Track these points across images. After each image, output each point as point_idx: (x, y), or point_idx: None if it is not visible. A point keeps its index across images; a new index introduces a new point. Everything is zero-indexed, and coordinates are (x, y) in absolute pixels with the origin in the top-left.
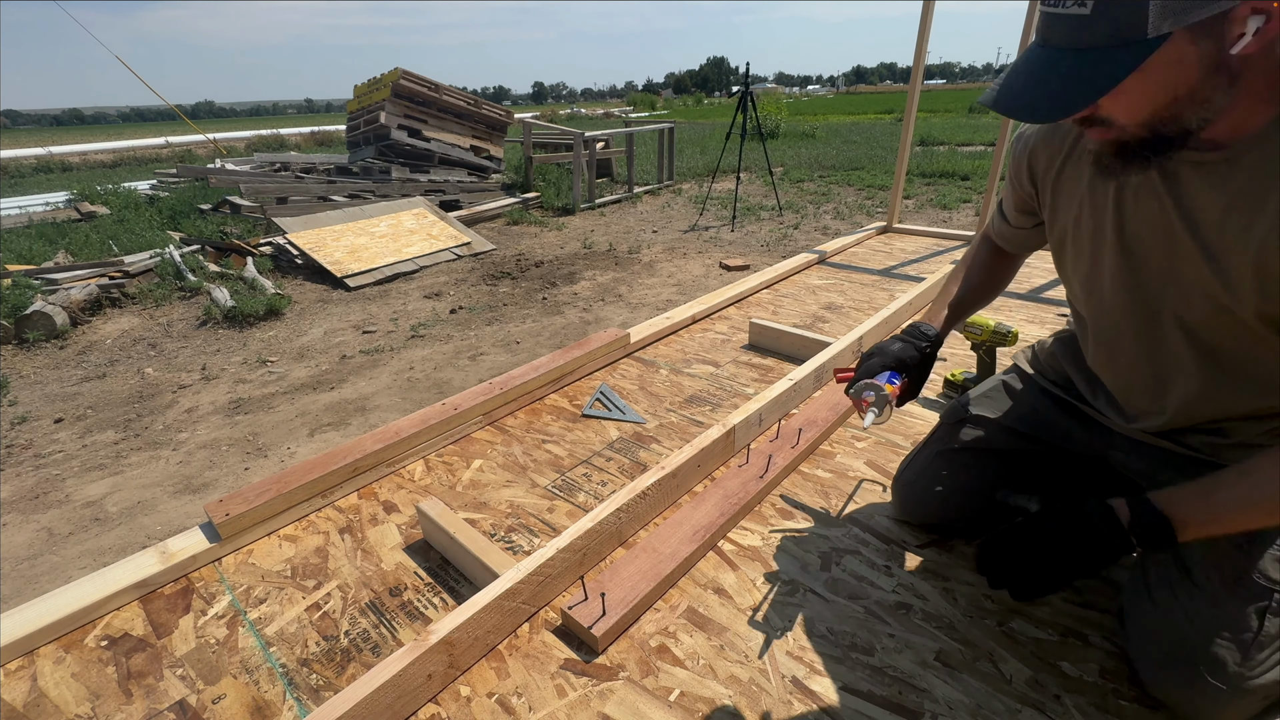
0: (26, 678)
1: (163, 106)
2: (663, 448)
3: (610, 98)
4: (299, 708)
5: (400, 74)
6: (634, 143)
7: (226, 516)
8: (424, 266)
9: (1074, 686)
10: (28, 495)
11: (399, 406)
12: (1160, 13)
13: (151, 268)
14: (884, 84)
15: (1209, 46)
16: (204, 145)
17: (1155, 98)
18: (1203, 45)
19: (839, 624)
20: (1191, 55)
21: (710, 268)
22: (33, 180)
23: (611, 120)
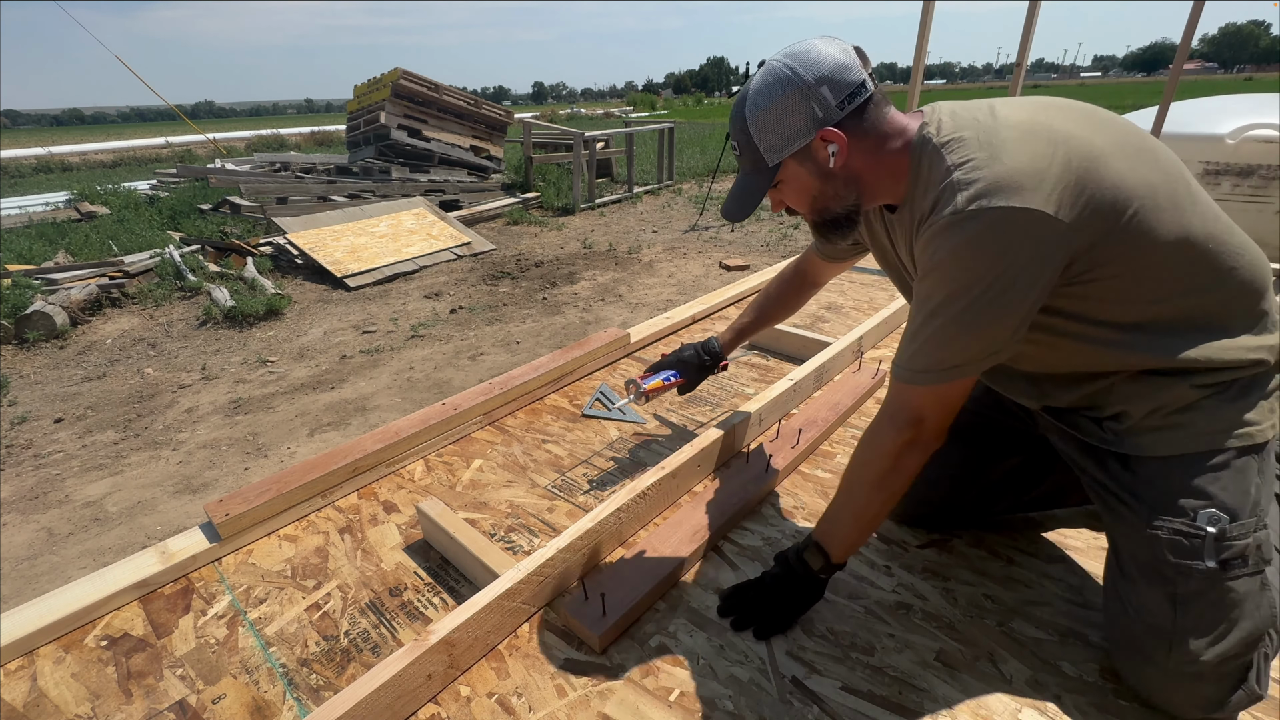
0: (26, 678)
1: (163, 106)
2: (663, 448)
3: (610, 98)
4: (299, 708)
5: (400, 74)
6: (634, 143)
7: (226, 516)
8: (424, 266)
9: (1074, 686)
10: (28, 495)
11: (399, 406)
12: (768, 152)
13: (151, 268)
14: (884, 84)
15: (811, 165)
16: (204, 145)
17: (801, 198)
18: (807, 165)
19: (839, 624)
20: (803, 172)
21: (710, 268)
22: (33, 180)
23: (611, 120)
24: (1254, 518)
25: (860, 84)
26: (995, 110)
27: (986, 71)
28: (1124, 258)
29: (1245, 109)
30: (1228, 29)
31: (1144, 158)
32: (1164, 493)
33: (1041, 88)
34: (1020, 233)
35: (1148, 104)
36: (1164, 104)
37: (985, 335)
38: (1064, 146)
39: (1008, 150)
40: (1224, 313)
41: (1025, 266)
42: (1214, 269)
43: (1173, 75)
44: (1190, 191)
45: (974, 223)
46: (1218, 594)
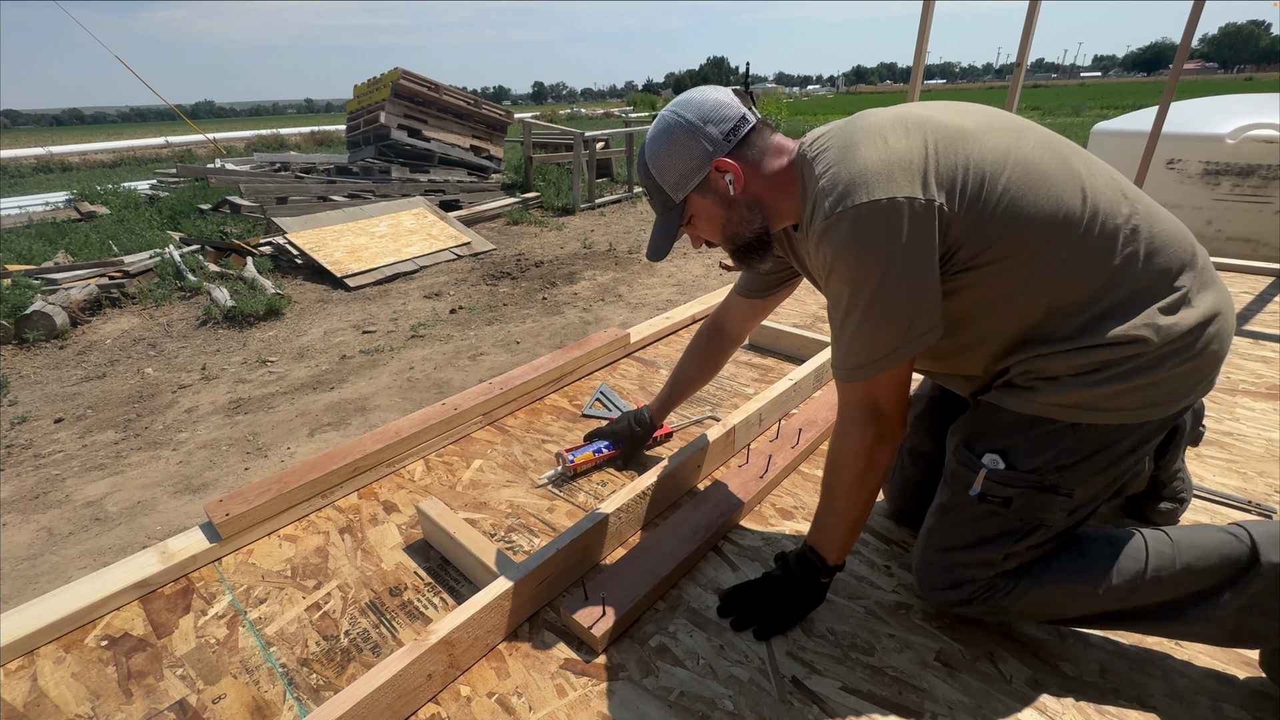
0: (26, 678)
1: (163, 106)
2: (663, 448)
3: (610, 98)
4: (299, 708)
5: (400, 74)
6: (634, 143)
7: (226, 516)
8: (424, 266)
9: (1074, 686)
10: (28, 495)
11: (399, 406)
12: (673, 190)
13: (151, 268)
14: (884, 84)
15: (714, 196)
16: (204, 145)
17: (712, 228)
18: (710, 196)
19: (839, 624)
20: (708, 204)
21: (710, 267)
22: (33, 180)
23: (611, 120)
24: (1035, 476)
25: (740, 117)
26: (855, 117)
27: (986, 71)
28: (1007, 237)
29: (1245, 109)
30: (1228, 29)
31: (1011, 135)
32: (977, 429)
33: (1041, 88)
34: (885, 221)
35: (1148, 104)
36: (1164, 104)
37: (900, 321)
38: (921, 130)
39: (860, 148)
40: (1123, 292)
41: (907, 248)
42: (1107, 247)
43: (1173, 75)
44: (1072, 169)
45: (844, 223)
46: (967, 514)
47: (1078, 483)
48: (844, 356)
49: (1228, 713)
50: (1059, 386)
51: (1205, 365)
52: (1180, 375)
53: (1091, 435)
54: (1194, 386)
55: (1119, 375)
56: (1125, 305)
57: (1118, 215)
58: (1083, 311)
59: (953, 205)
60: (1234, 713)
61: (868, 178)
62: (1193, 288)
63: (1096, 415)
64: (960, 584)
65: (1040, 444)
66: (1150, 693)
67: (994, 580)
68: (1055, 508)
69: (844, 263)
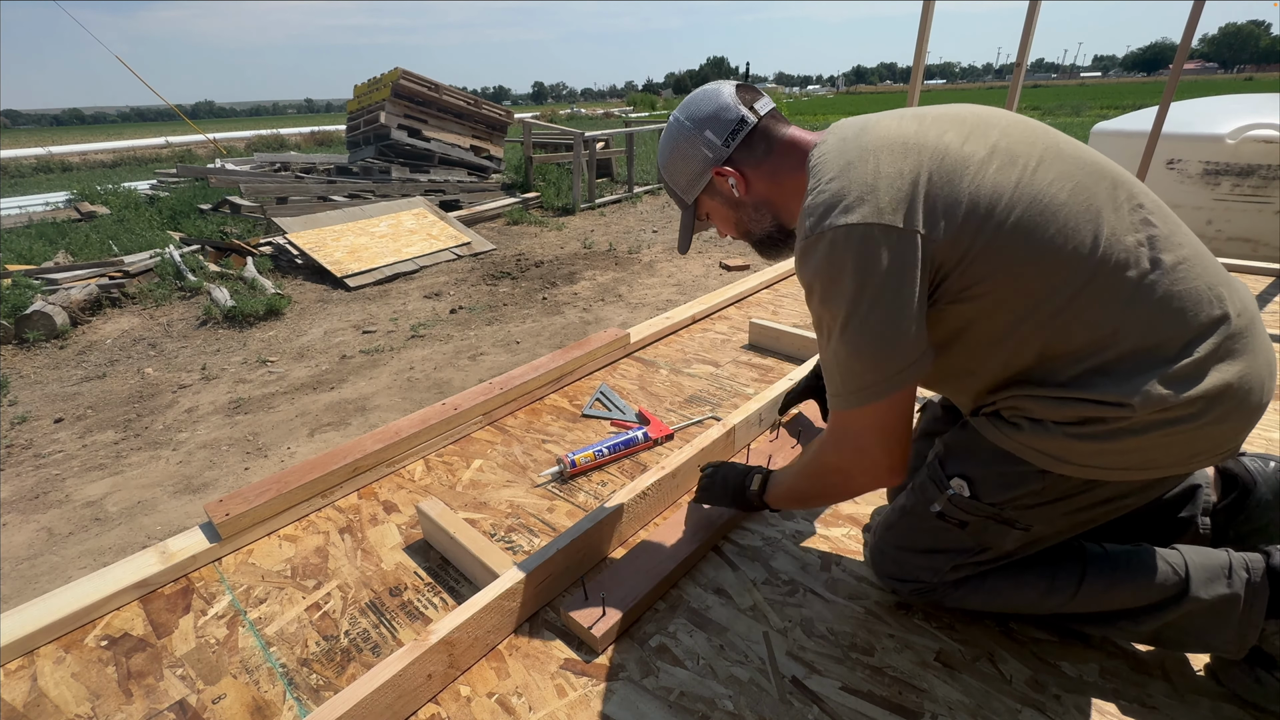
0: (26, 678)
1: (163, 106)
2: (663, 448)
3: (610, 98)
4: (299, 708)
5: (400, 74)
6: (634, 143)
7: (226, 516)
8: (424, 266)
9: (1074, 686)
10: (28, 495)
11: (399, 406)
12: (684, 191)
13: (151, 268)
14: (884, 84)
15: (721, 198)
16: (204, 145)
17: (726, 225)
18: (717, 199)
19: (839, 624)
20: (717, 204)
21: (710, 268)
22: (33, 180)
23: (611, 120)
24: (995, 509)
25: (739, 120)
26: (867, 126)
27: (986, 71)
28: (1001, 275)
29: (1245, 109)
30: (1228, 29)
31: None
32: (954, 448)
33: (1041, 88)
34: (860, 246)
35: (1148, 104)
36: (1164, 104)
37: (877, 351)
38: (919, 155)
39: (853, 167)
40: (1125, 348)
41: (883, 277)
42: (1112, 299)
43: (1173, 75)
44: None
45: (821, 244)
46: (924, 525)
47: (1038, 520)
48: (829, 382)
49: (1227, 713)
50: (1041, 430)
51: (1203, 439)
52: (1169, 445)
53: (1062, 484)
54: (1188, 458)
55: (1101, 434)
56: (1125, 361)
57: (1133, 265)
58: (1078, 361)
59: (936, 235)
60: (1234, 713)
61: (849, 201)
62: (1211, 355)
63: (1069, 468)
64: (907, 579)
65: (1009, 481)
66: (1150, 693)
67: (936, 585)
68: (1009, 538)
69: (820, 285)
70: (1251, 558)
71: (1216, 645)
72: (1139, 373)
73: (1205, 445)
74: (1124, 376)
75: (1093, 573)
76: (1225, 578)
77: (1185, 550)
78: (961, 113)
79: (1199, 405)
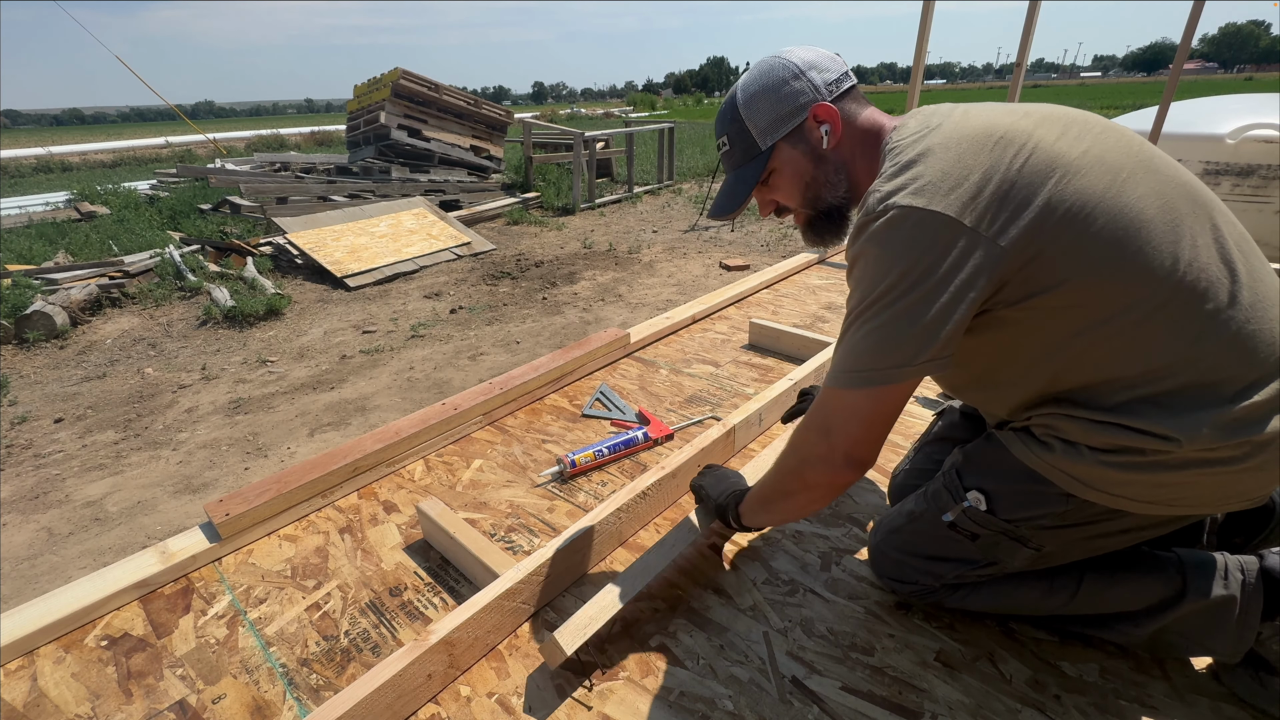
0: (26, 678)
1: (163, 106)
2: (663, 448)
3: (610, 98)
4: (299, 708)
5: (400, 74)
6: (634, 143)
7: (226, 516)
8: (424, 266)
9: (1074, 686)
10: (28, 495)
11: (399, 406)
12: (761, 135)
13: (151, 268)
14: (884, 84)
15: (805, 147)
16: (204, 145)
17: (794, 185)
18: (800, 147)
19: (839, 624)
20: (797, 155)
21: (710, 268)
22: (33, 180)
23: (611, 120)
24: (1011, 526)
25: (844, 73)
26: (954, 114)
27: (987, 71)
28: (1066, 288)
29: (1245, 109)
30: (1228, 29)
31: (1120, 174)
32: (975, 460)
33: (1041, 88)
34: (920, 233)
35: (1148, 104)
36: (1164, 104)
37: (893, 338)
38: (1005, 152)
39: (934, 154)
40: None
41: (927, 269)
42: (1181, 329)
43: (1173, 75)
44: (1178, 232)
45: (880, 221)
46: (933, 532)
47: (1051, 542)
48: (834, 359)
49: (1227, 713)
50: (1074, 454)
51: (1240, 483)
52: (1204, 484)
53: (1085, 509)
54: (1219, 500)
55: (1138, 465)
56: (1180, 395)
57: (1210, 298)
58: (1130, 387)
59: (1004, 239)
60: (1234, 713)
61: (920, 184)
62: (1270, 400)
63: (1096, 495)
64: (906, 581)
65: (1029, 501)
66: (1150, 693)
67: (936, 588)
68: (1019, 556)
69: (866, 261)
70: (1246, 560)
71: (1213, 649)
72: (1194, 409)
73: (1239, 489)
74: (1177, 410)
75: (1092, 574)
76: (1222, 579)
77: (1181, 553)
78: (1058, 112)
79: (1245, 449)
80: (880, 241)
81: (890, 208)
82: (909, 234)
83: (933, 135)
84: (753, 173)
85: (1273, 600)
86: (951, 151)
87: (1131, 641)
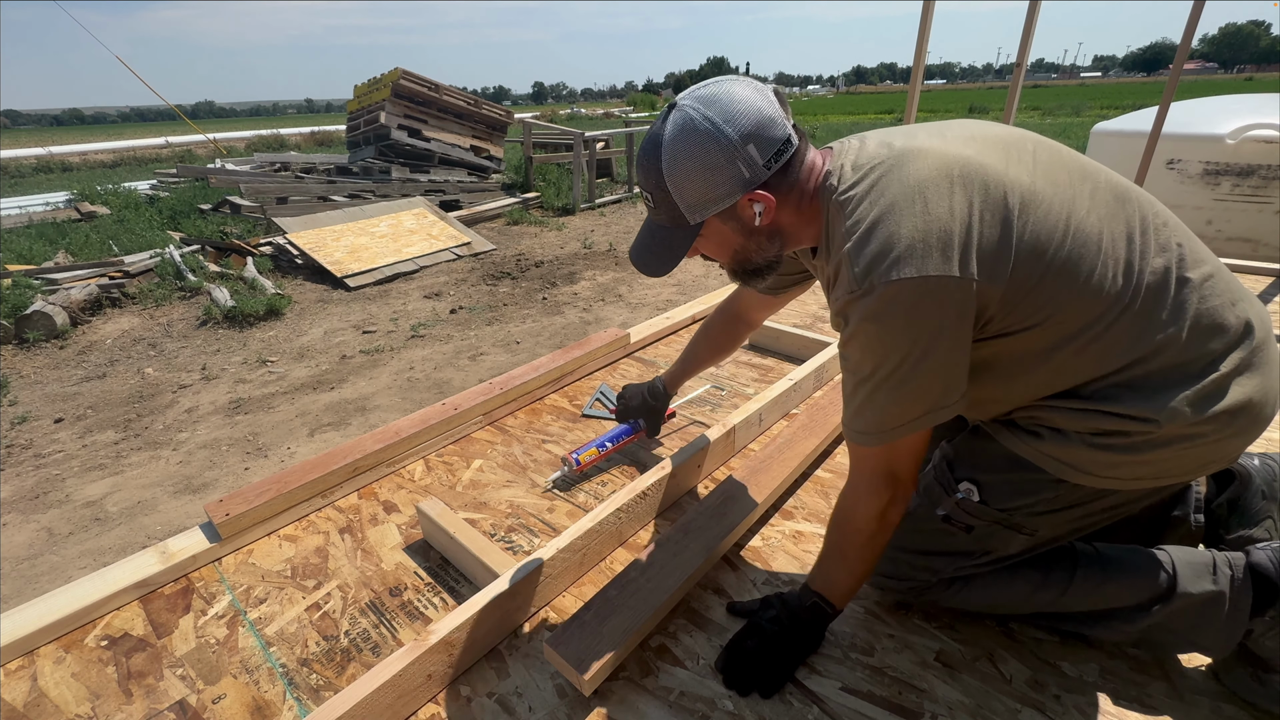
0: (26, 678)
1: (163, 106)
2: (663, 448)
3: (610, 98)
4: (299, 708)
5: (400, 74)
6: (634, 143)
7: (226, 516)
8: (424, 266)
9: (1074, 686)
10: (28, 495)
11: (399, 406)
12: (689, 210)
13: (151, 268)
14: (884, 84)
15: (736, 224)
16: (204, 145)
17: (723, 251)
18: (731, 224)
19: (839, 624)
20: (727, 230)
21: (710, 268)
22: (33, 180)
23: (611, 120)
24: (1004, 515)
25: (786, 139)
26: (900, 155)
27: (986, 71)
28: (1044, 311)
29: (1245, 109)
30: (1228, 29)
31: (1075, 197)
32: (964, 452)
33: (1042, 88)
34: (917, 301)
35: (1148, 104)
36: (1164, 104)
37: (917, 398)
38: (968, 190)
39: (899, 209)
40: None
41: (937, 331)
42: (1147, 325)
43: (1173, 75)
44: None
45: (871, 299)
46: (927, 527)
47: (1044, 526)
48: (853, 418)
49: (1227, 713)
50: (1063, 440)
51: (1219, 451)
52: (1190, 457)
53: (1075, 492)
54: (1200, 468)
55: (1124, 447)
56: (1153, 378)
57: (1164, 287)
58: (1105, 379)
59: (990, 281)
60: (1234, 713)
61: (899, 251)
62: (1234, 370)
63: (1087, 478)
64: (902, 578)
65: (1021, 489)
66: (1150, 693)
67: (932, 583)
68: (1014, 542)
69: (867, 337)
70: (1233, 556)
71: (1203, 645)
72: (1166, 389)
73: (1219, 456)
74: (1151, 392)
75: (1084, 569)
76: (1211, 574)
77: (1171, 549)
78: (991, 132)
79: (1222, 420)
80: (879, 319)
81: (875, 285)
82: (911, 305)
83: (886, 185)
84: (683, 241)
85: (1261, 596)
86: (916, 205)
87: (1123, 639)
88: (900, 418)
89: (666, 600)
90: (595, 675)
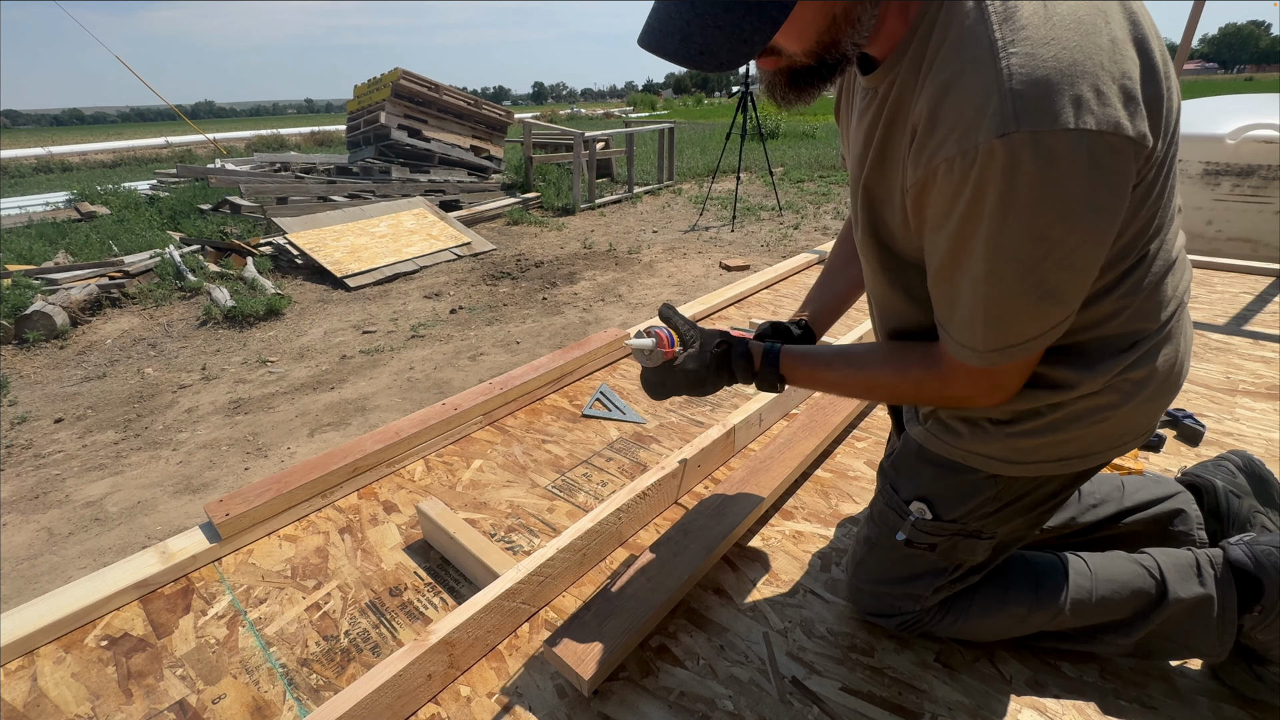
0: (26, 678)
1: (163, 106)
2: (663, 448)
3: (610, 98)
4: (299, 708)
5: (400, 74)
6: (634, 143)
7: (226, 516)
8: (424, 266)
9: (1074, 686)
10: (28, 495)
11: (399, 406)
12: None
13: (151, 268)
14: None
15: None
16: (204, 145)
17: (817, 22)
18: None
19: (839, 624)
20: None
21: (710, 268)
22: (33, 180)
23: (611, 120)
24: (958, 524)
25: None
26: None
27: None
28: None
29: (1245, 109)
30: (1228, 29)
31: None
32: (904, 470)
33: None
34: (1090, 172)
35: None
36: None
37: (1060, 302)
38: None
39: (1083, 27)
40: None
41: (1102, 210)
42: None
43: None
44: None
45: (1024, 151)
46: (894, 555)
47: (999, 525)
48: (969, 333)
49: (1227, 713)
50: (979, 434)
51: (1131, 420)
52: (1103, 430)
53: (1012, 486)
54: (1120, 440)
55: (1039, 429)
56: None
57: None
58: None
59: (1152, 147)
60: (1234, 713)
61: (1082, 90)
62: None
63: (1017, 469)
64: (890, 614)
65: (963, 493)
66: (1150, 693)
67: (921, 613)
68: (979, 549)
69: (1003, 215)
70: (1212, 553)
71: (1200, 649)
72: (1086, 355)
73: (1132, 426)
74: (1076, 357)
75: (1074, 583)
76: (1196, 575)
77: (1154, 552)
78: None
79: (1126, 388)
80: (1035, 182)
81: (1042, 133)
82: (1082, 172)
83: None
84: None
85: (1246, 591)
86: (1100, 27)
87: (1120, 651)
88: (1034, 328)
89: (666, 600)
90: (595, 675)
